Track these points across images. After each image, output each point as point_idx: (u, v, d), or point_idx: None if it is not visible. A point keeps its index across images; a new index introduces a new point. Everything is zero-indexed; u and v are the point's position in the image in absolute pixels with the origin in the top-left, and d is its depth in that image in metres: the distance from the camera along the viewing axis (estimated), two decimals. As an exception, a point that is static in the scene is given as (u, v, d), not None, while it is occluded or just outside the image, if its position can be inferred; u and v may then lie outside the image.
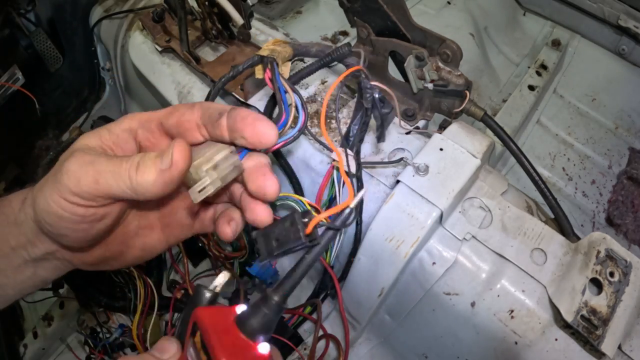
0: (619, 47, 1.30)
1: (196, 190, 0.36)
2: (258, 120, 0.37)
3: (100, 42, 1.23)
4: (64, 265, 0.44)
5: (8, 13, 1.10)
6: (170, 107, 0.41)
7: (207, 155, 0.38)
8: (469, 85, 0.66)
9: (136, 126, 0.41)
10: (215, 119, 0.39)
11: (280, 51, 0.59)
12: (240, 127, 0.37)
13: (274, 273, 0.85)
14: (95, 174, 0.35)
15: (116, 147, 0.40)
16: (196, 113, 0.40)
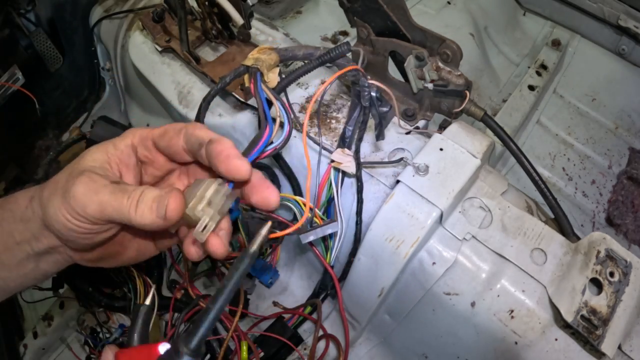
0: (619, 47, 1.30)
1: (199, 231, 0.39)
2: (230, 157, 0.40)
3: (100, 42, 1.23)
4: (65, 259, 0.46)
5: (8, 13, 1.10)
6: (163, 128, 0.45)
7: (198, 194, 0.40)
8: (469, 85, 0.66)
9: (136, 143, 0.45)
10: (197, 150, 0.42)
11: (264, 59, 0.60)
12: (215, 163, 0.41)
13: (274, 273, 0.85)
14: (100, 205, 0.39)
15: (120, 162, 0.44)
16: (182, 140, 0.43)
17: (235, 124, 0.79)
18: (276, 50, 0.64)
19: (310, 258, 0.84)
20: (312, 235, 0.64)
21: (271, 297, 0.87)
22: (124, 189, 0.40)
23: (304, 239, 0.64)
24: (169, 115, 0.99)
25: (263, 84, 0.57)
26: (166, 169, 0.48)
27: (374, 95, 0.61)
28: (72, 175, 0.41)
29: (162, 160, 0.46)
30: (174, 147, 0.44)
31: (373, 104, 0.61)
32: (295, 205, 0.67)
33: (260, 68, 0.59)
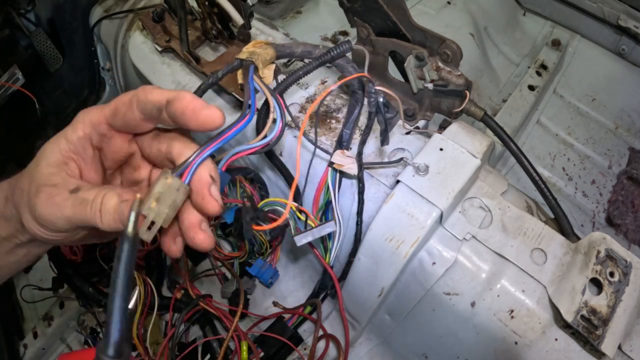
0: (619, 47, 1.30)
1: (144, 230, 0.36)
2: (197, 110, 0.37)
3: (100, 42, 1.23)
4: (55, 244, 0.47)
5: (8, 13, 1.10)
6: (113, 105, 0.41)
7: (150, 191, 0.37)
8: (469, 85, 0.66)
9: (89, 131, 0.41)
10: (156, 115, 0.39)
11: (260, 53, 0.57)
12: (182, 121, 0.38)
13: (274, 273, 0.86)
14: (66, 219, 0.39)
15: (77, 156, 0.41)
16: (136, 112, 0.40)
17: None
18: (273, 45, 0.61)
19: (310, 258, 0.84)
20: (309, 237, 0.63)
21: (271, 297, 0.87)
22: (84, 200, 0.38)
23: (299, 241, 0.63)
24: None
25: (256, 76, 0.54)
26: (126, 150, 0.45)
27: (382, 102, 0.60)
28: (32, 190, 0.40)
29: (120, 142, 0.43)
30: (130, 122, 0.40)
31: (380, 111, 0.60)
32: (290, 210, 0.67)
33: (255, 62, 0.56)
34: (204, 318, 0.83)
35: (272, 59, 0.60)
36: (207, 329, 0.82)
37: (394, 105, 0.62)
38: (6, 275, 0.49)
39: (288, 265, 0.89)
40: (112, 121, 0.41)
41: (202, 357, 0.78)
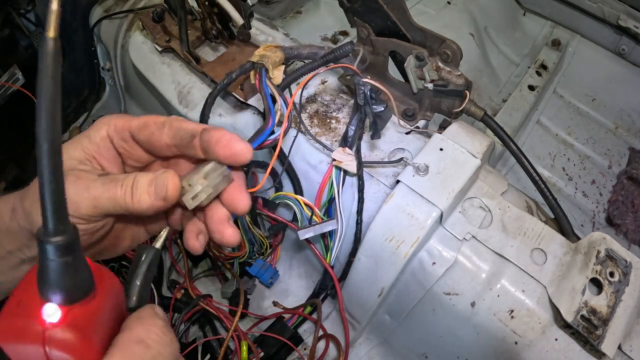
0: (619, 47, 1.30)
1: (189, 198, 0.38)
2: (232, 141, 0.38)
3: (100, 42, 1.23)
4: None
5: (8, 13, 1.10)
6: (142, 120, 0.41)
7: (195, 171, 0.39)
8: (469, 85, 0.66)
9: (112, 134, 0.42)
10: (188, 142, 0.40)
11: (270, 56, 0.61)
12: (215, 149, 0.38)
13: (274, 273, 0.86)
14: (93, 200, 0.37)
15: (99, 155, 0.41)
16: (165, 134, 0.40)
17: (236, 124, 0.79)
18: (282, 48, 0.65)
19: (310, 258, 0.84)
20: (311, 232, 0.65)
21: (271, 297, 0.87)
22: (115, 178, 0.38)
23: (302, 235, 0.65)
24: (169, 115, 0.99)
25: (268, 80, 0.59)
26: (145, 161, 0.45)
27: (368, 93, 0.61)
28: None
29: (140, 153, 0.43)
30: (156, 142, 0.41)
31: (367, 102, 0.61)
32: (295, 203, 0.67)
33: (266, 64, 0.60)
34: (204, 318, 0.83)
35: (281, 60, 0.64)
36: (207, 329, 0.82)
37: (386, 99, 0.63)
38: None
39: (288, 265, 0.89)
40: (136, 134, 0.41)
41: (202, 357, 0.78)
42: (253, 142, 0.46)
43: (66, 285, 0.25)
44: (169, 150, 0.41)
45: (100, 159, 0.41)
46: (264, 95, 0.56)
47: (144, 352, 0.27)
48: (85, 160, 0.40)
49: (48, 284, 0.25)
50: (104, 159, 0.41)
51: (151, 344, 0.28)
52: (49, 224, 0.24)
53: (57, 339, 0.25)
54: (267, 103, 0.54)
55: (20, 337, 0.25)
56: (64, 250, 0.25)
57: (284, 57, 0.64)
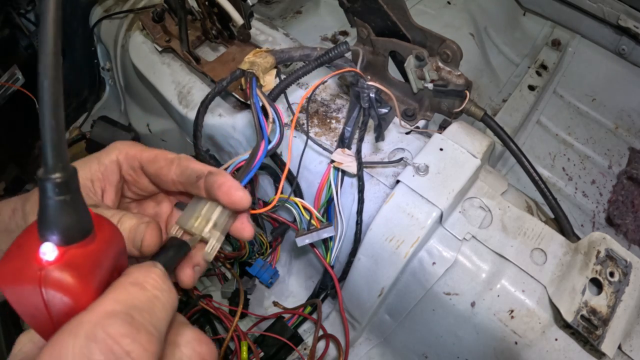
0: (619, 47, 1.30)
1: (208, 252, 0.41)
2: (232, 189, 0.40)
3: (100, 42, 1.23)
4: None
5: (8, 13, 1.10)
6: (153, 154, 0.43)
7: (203, 214, 0.42)
8: (469, 85, 0.66)
9: (122, 160, 0.43)
10: (194, 181, 0.42)
11: (260, 63, 0.61)
12: (216, 194, 0.40)
13: (274, 273, 0.86)
14: None
15: (104, 178, 0.43)
16: (173, 171, 0.42)
17: (236, 124, 0.79)
18: (272, 52, 0.64)
19: (311, 258, 0.84)
20: (308, 239, 0.65)
21: (271, 297, 0.87)
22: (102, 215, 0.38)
23: (300, 242, 0.65)
24: (169, 115, 0.99)
25: (258, 89, 0.58)
26: (150, 191, 0.46)
27: (373, 97, 0.61)
28: None
29: (146, 183, 0.45)
30: (163, 177, 0.43)
31: (372, 106, 0.61)
32: (294, 206, 0.67)
33: (256, 72, 0.60)
34: (204, 318, 0.83)
35: (272, 66, 0.64)
36: (207, 329, 0.82)
37: (387, 100, 0.63)
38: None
39: (288, 265, 0.89)
40: (146, 165, 0.43)
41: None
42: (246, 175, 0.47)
43: (64, 225, 0.25)
44: (174, 186, 0.43)
45: (103, 182, 0.43)
46: (255, 109, 0.56)
47: (140, 294, 0.27)
48: (87, 182, 0.41)
49: (46, 223, 0.25)
50: (107, 183, 0.43)
51: (148, 287, 0.27)
52: (48, 161, 0.24)
53: (52, 278, 0.24)
54: (258, 119, 0.54)
55: (18, 278, 0.25)
56: (62, 188, 0.24)
57: (274, 61, 0.64)
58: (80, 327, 0.24)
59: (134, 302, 0.26)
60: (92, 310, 0.24)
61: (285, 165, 0.73)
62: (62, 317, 0.25)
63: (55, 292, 0.25)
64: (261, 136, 0.53)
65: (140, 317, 0.25)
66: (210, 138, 0.82)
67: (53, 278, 0.25)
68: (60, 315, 0.25)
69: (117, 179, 0.43)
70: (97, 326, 0.24)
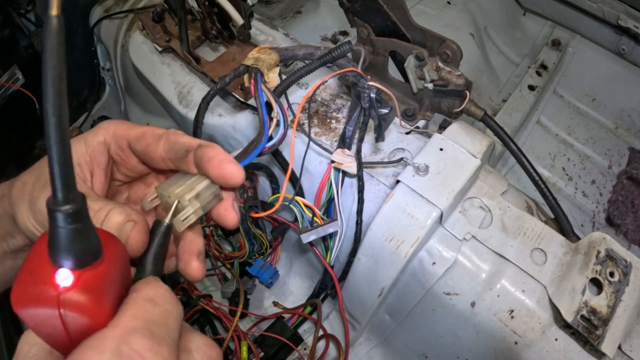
0: (619, 47, 1.30)
1: (180, 220, 0.37)
2: (223, 162, 0.38)
3: (100, 42, 1.23)
4: None
5: (8, 13, 1.10)
6: (140, 131, 0.41)
7: (188, 183, 0.38)
8: (469, 85, 0.66)
9: (110, 140, 0.41)
10: (182, 156, 0.39)
11: (264, 59, 0.60)
12: (206, 167, 0.38)
13: (274, 273, 0.86)
14: None
15: (92, 159, 0.41)
16: (161, 147, 0.40)
17: (236, 124, 0.79)
18: (276, 49, 0.64)
19: (310, 258, 0.84)
20: (314, 235, 0.65)
21: (271, 297, 0.87)
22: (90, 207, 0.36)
23: (305, 239, 0.65)
24: (169, 115, 0.99)
25: (263, 84, 0.58)
26: (139, 172, 0.44)
27: (373, 97, 0.61)
28: (38, 183, 0.38)
29: (136, 162, 0.43)
30: (151, 154, 0.41)
31: (372, 106, 0.61)
32: (295, 205, 0.67)
33: (261, 68, 0.59)
34: (204, 318, 0.83)
35: (276, 63, 0.63)
36: (207, 329, 0.82)
37: (388, 100, 0.63)
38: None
39: (288, 265, 0.89)
40: (134, 143, 0.41)
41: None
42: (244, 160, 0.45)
43: (76, 251, 0.26)
44: (163, 163, 0.41)
45: (92, 164, 0.41)
46: (259, 104, 0.55)
47: (154, 309, 0.28)
48: (76, 167, 0.39)
49: (59, 250, 0.26)
50: (95, 165, 0.41)
51: (160, 302, 0.29)
52: (58, 194, 0.25)
53: (71, 302, 0.26)
54: (262, 113, 0.53)
55: (36, 302, 0.26)
56: (74, 218, 0.26)
57: (279, 59, 0.63)
58: (104, 342, 0.25)
59: (151, 317, 0.28)
60: (115, 327, 0.26)
61: (288, 165, 0.73)
62: (80, 335, 0.27)
63: (74, 314, 0.26)
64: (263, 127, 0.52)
65: (158, 330, 0.27)
66: (210, 138, 0.82)
67: (71, 302, 0.26)
68: (78, 333, 0.27)
69: (106, 160, 0.42)
70: (122, 341, 0.25)
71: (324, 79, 0.61)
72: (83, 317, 0.27)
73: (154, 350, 0.26)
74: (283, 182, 0.77)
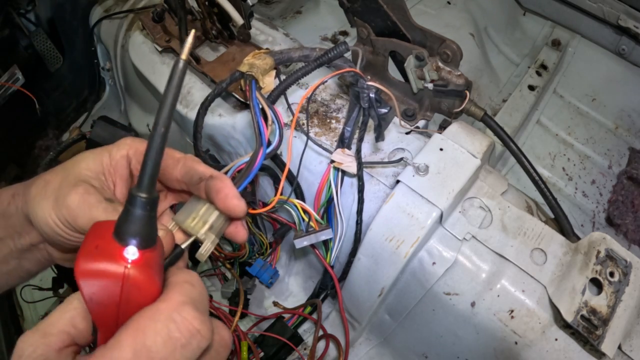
0: (619, 47, 1.30)
1: (202, 253, 0.43)
2: (229, 197, 0.42)
3: (100, 42, 1.23)
4: (46, 259, 0.47)
5: (8, 13, 1.10)
6: None
7: (201, 214, 0.43)
8: (469, 85, 0.66)
9: (132, 155, 0.45)
10: (196, 182, 0.43)
11: (259, 64, 0.62)
12: (213, 198, 0.42)
13: (274, 273, 0.86)
14: (91, 220, 0.39)
15: (115, 172, 0.44)
16: (178, 170, 0.44)
17: (236, 124, 0.79)
18: (271, 53, 0.65)
19: (310, 258, 0.84)
20: (306, 241, 0.65)
21: (271, 297, 0.87)
22: (117, 210, 0.40)
23: (298, 244, 0.65)
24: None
25: (258, 92, 0.59)
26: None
27: (373, 97, 0.61)
28: (67, 181, 0.41)
29: None
30: (168, 175, 0.44)
31: (372, 106, 0.61)
32: (293, 208, 0.67)
33: (255, 74, 0.60)
34: (204, 318, 0.82)
35: (270, 67, 0.64)
36: (207, 329, 0.82)
37: (387, 100, 0.63)
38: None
39: (288, 265, 0.89)
40: None
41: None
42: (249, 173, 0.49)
43: (144, 234, 0.31)
44: (177, 184, 0.45)
45: (115, 176, 0.44)
46: (254, 113, 0.56)
47: (192, 289, 0.34)
48: (100, 175, 0.43)
49: (130, 230, 0.31)
50: (118, 177, 0.44)
51: (195, 284, 0.35)
52: (144, 184, 0.31)
53: (134, 275, 0.30)
54: (257, 123, 0.55)
55: (103, 273, 0.30)
56: (150, 205, 0.31)
57: (273, 63, 0.64)
58: (159, 313, 0.31)
59: (193, 295, 0.33)
60: (166, 301, 0.32)
61: (284, 166, 0.73)
62: (129, 307, 0.31)
63: (133, 286, 0.31)
64: (260, 141, 0.53)
65: (200, 305, 0.33)
66: (211, 138, 0.82)
67: (134, 275, 0.30)
68: (128, 305, 0.31)
69: (127, 173, 0.45)
70: (175, 312, 0.31)
71: (323, 79, 0.62)
72: (139, 290, 0.31)
73: (200, 319, 0.32)
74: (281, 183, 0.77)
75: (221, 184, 0.42)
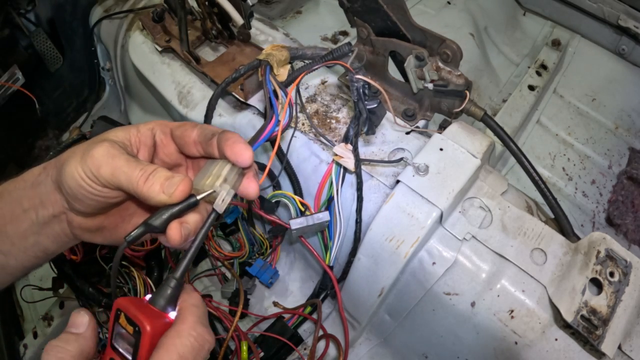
0: (619, 47, 1.30)
1: (219, 204, 0.46)
2: (236, 142, 0.46)
3: (100, 42, 1.23)
4: (65, 234, 0.50)
5: (8, 13, 1.11)
6: (181, 122, 0.52)
7: (214, 172, 0.46)
8: (469, 85, 0.66)
9: (157, 128, 0.51)
10: (209, 139, 0.48)
11: (275, 54, 0.65)
12: (223, 147, 0.46)
13: (274, 273, 0.86)
14: (113, 169, 0.43)
15: (140, 140, 0.49)
16: (195, 132, 0.49)
17: (236, 124, 0.79)
18: (288, 48, 0.68)
19: (311, 258, 0.84)
20: (303, 222, 0.66)
21: (271, 297, 0.87)
22: (139, 161, 0.45)
23: (294, 225, 0.66)
24: (169, 115, 0.99)
25: (271, 75, 0.63)
26: (175, 159, 0.52)
27: (360, 89, 0.61)
28: (93, 142, 0.46)
29: (173, 149, 0.51)
30: (186, 138, 0.49)
31: (360, 98, 0.62)
32: (291, 201, 0.68)
33: (271, 62, 0.63)
34: (204, 318, 0.82)
35: (286, 60, 0.67)
36: (207, 329, 0.82)
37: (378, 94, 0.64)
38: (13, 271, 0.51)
39: (288, 265, 0.89)
40: (175, 129, 0.50)
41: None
42: (255, 144, 0.53)
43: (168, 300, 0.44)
44: (195, 147, 0.49)
45: (140, 143, 0.49)
46: (267, 91, 0.60)
47: (198, 310, 0.44)
48: (126, 141, 0.48)
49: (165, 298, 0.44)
50: (142, 144, 0.49)
51: (199, 306, 0.44)
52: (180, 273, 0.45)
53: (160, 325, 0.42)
54: (269, 97, 0.59)
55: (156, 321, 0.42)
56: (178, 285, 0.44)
57: (289, 56, 0.67)
58: (182, 331, 0.42)
59: (199, 314, 0.44)
60: (185, 322, 0.42)
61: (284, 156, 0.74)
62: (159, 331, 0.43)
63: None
64: (271, 111, 0.57)
65: (205, 320, 0.44)
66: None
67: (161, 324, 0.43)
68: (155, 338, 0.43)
69: (151, 143, 0.50)
70: (192, 329, 0.42)
71: (312, 68, 0.65)
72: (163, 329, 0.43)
73: (207, 331, 0.43)
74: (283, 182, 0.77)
75: (230, 134, 0.47)
